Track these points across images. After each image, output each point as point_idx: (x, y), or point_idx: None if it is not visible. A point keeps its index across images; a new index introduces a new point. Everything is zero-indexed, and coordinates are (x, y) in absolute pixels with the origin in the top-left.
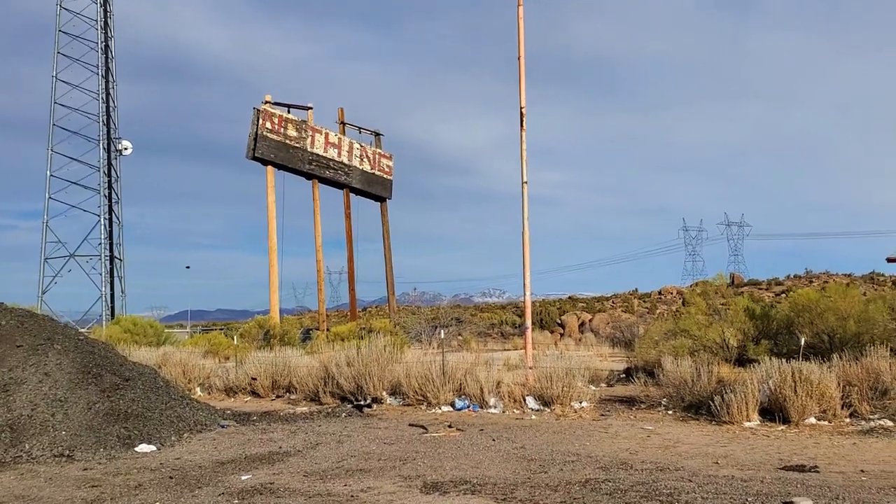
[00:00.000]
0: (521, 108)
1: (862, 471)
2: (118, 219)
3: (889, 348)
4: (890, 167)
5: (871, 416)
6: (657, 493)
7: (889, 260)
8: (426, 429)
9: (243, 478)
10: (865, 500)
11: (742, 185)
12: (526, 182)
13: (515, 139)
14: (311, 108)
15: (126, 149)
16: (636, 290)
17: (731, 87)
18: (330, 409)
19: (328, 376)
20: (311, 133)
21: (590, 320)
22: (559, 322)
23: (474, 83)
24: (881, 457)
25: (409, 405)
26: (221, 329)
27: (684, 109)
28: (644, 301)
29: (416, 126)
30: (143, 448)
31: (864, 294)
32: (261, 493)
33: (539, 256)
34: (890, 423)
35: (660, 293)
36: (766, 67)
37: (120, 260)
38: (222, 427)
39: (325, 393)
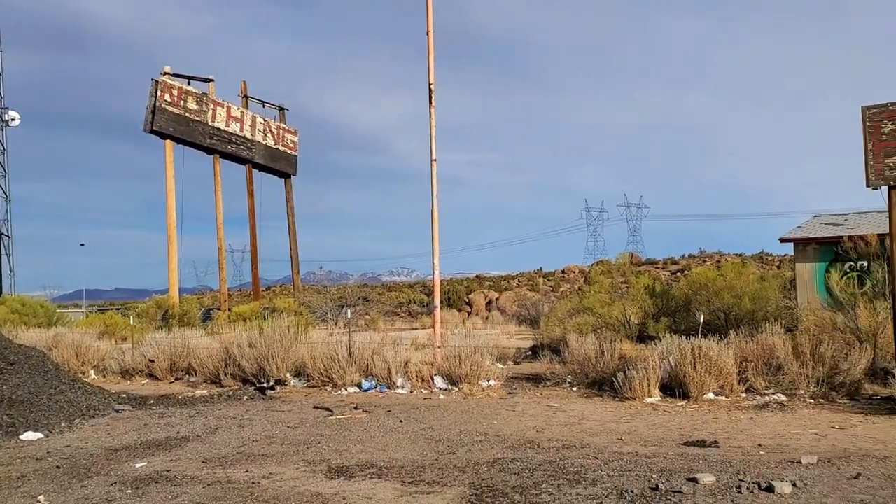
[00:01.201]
0: (429, 84)
1: (759, 445)
2: (5, 193)
3: (782, 325)
4: (777, 151)
5: (766, 391)
6: (564, 471)
7: (782, 240)
8: (331, 411)
9: (138, 465)
10: (764, 473)
11: (641, 168)
12: (435, 160)
13: (425, 117)
14: (212, 80)
15: (13, 119)
16: (541, 269)
17: (632, 71)
18: (231, 392)
19: (229, 358)
20: (212, 106)
21: (497, 299)
22: (467, 301)
23: (384, 60)
24: (776, 430)
25: (314, 387)
26: (118, 309)
27: (589, 92)
28: (548, 280)
29: (324, 102)
30: (29, 436)
31: (755, 272)
32: (156, 482)
33: (447, 236)
34: (784, 398)
35: (563, 272)
36: (665, 52)
37: (7, 237)
38: (117, 412)
39: (226, 375)
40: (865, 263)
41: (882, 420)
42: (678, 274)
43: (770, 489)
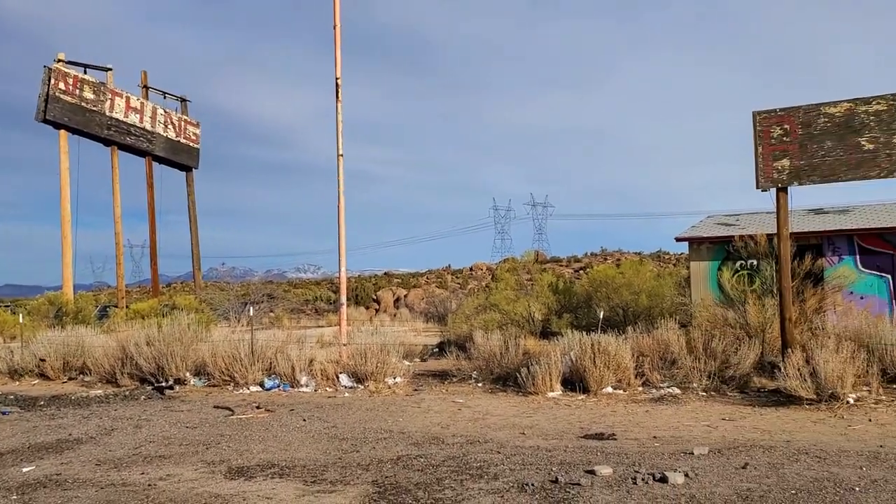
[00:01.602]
0: (336, 78)
1: (654, 437)
2: None
3: (677, 321)
4: (674, 154)
5: (662, 385)
6: (468, 466)
7: (678, 239)
8: (233, 410)
9: (25, 470)
10: (658, 465)
11: (547, 168)
12: (342, 155)
13: (333, 112)
14: (110, 69)
15: None
16: (449, 266)
17: (540, 73)
18: (128, 392)
19: (126, 356)
20: (110, 96)
21: (405, 296)
22: (375, 298)
23: (293, 54)
24: (670, 423)
25: (214, 386)
26: (7, 306)
27: (500, 93)
28: (457, 277)
29: (230, 95)
30: None
31: (652, 270)
32: (45, 486)
33: (356, 232)
34: (678, 391)
35: (471, 269)
36: (572, 55)
37: None
38: (3, 413)
39: (123, 374)
40: (755, 262)
41: (769, 412)
42: (581, 272)
43: (664, 480)
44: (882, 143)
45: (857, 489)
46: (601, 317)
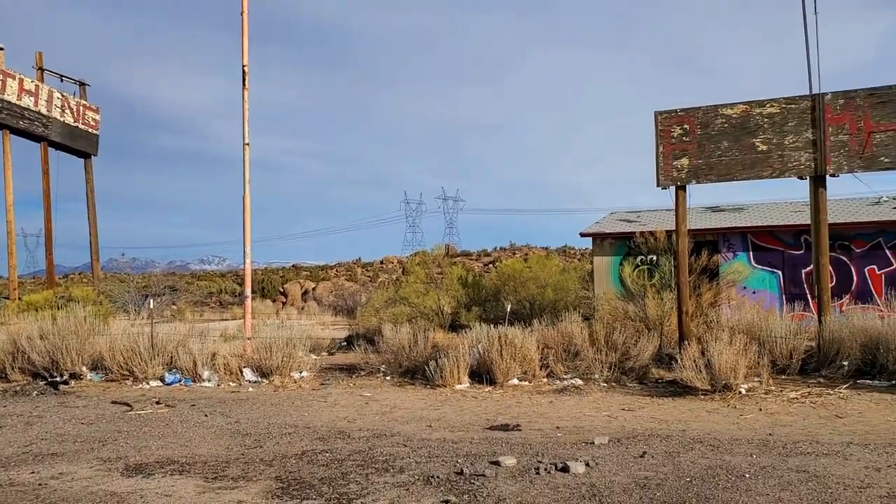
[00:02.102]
0: (243, 65)
1: (557, 427)
2: None
3: (581, 314)
4: (582, 151)
5: (565, 376)
6: (373, 460)
7: (582, 234)
8: (131, 406)
9: None
10: (561, 454)
11: (459, 162)
12: (247, 143)
13: (240, 100)
14: (1, 48)
15: None
16: (359, 259)
17: (452, 67)
18: (19, 387)
19: (18, 350)
20: (1, 77)
21: (313, 289)
22: (282, 291)
23: (200, 39)
24: (573, 413)
25: (112, 381)
26: None
27: (414, 86)
28: (367, 270)
29: (133, 80)
30: None
31: (559, 265)
32: None
33: (265, 224)
34: (581, 382)
35: (382, 262)
36: (488, 50)
37: None
38: None
39: (13, 369)
40: (655, 257)
41: (666, 402)
42: (490, 265)
43: (566, 469)
44: (775, 144)
45: (748, 476)
46: (508, 310)
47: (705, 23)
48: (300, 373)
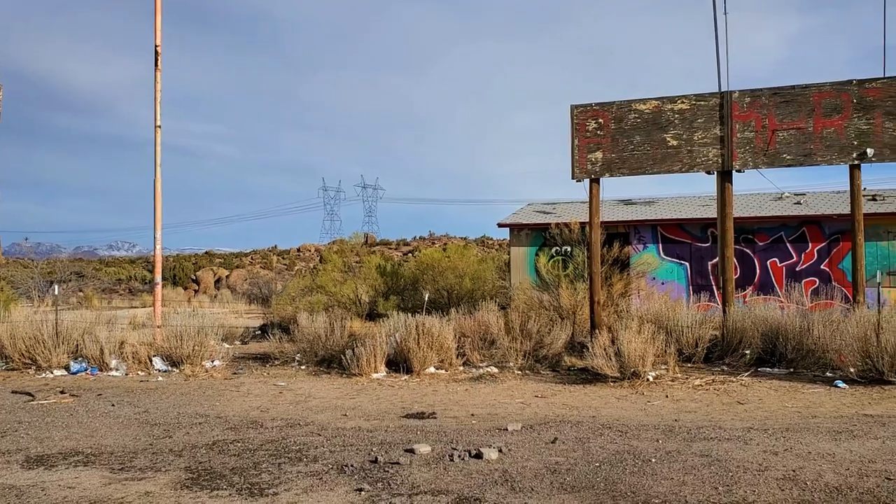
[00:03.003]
0: (156, 46)
1: (472, 414)
2: None
3: (497, 303)
4: (501, 142)
5: (481, 364)
6: (286, 449)
7: (500, 225)
8: (33, 396)
9: None
10: (475, 441)
11: (379, 151)
12: (159, 126)
13: (152, 81)
14: None
15: None
16: (276, 246)
17: (374, 56)
18: None
19: None
20: None
21: (227, 276)
22: (194, 278)
23: (112, 17)
24: (488, 401)
25: (14, 370)
26: None
27: (335, 73)
28: (283, 258)
29: (39, 58)
30: None
31: (477, 255)
32: None
33: (176, 209)
34: (496, 370)
35: (299, 250)
36: (408, 40)
37: None
38: None
39: None
40: (569, 248)
41: (577, 389)
42: (409, 255)
43: (479, 456)
44: (685, 139)
45: (654, 460)
46: (426, 299)
47: (626, 18)
48: (212, 362)
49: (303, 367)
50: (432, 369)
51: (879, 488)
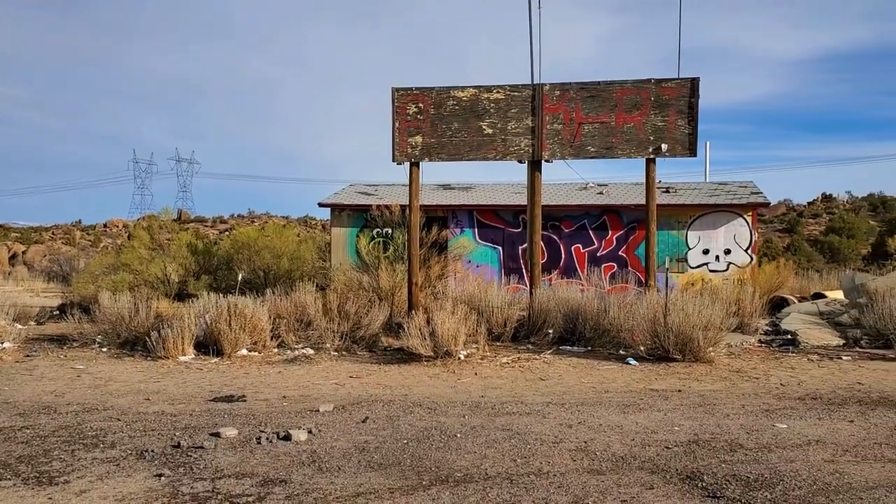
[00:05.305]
0: None
1: (284, 397)
2: None
3: (316, 284)
4: (324, 122)
5: (296, 346)
6: (82, 435)
7: (321, 205)
8: None
9: None
10: (284, 423)
11: (196, 123)
12: None
13: None
14: None
15: None
16: (80, 221)
17: (201, 25)
18: None
19: None
20: None
21: (24, 252)
22: None
23: None
24: (301, 382)
25: None
26: None
27: (151, 39)
28: (88, 233)
29: None
30: None
31: (298, 235)
32: None
33: None
34: (312, 352)
35: (105, 226)
36: (233, 10)
37: None
38: None
39: None
40: (390, 230)
41: (392, 369)
42: (226, 233)
43: (288, 437)
44: (499, 128)
45: (459, 435)
46: (240, 279)
47: (450, 6)
48: (1, 344)
49: (104, 350)
50: (245, 351)
51: (659, 456)
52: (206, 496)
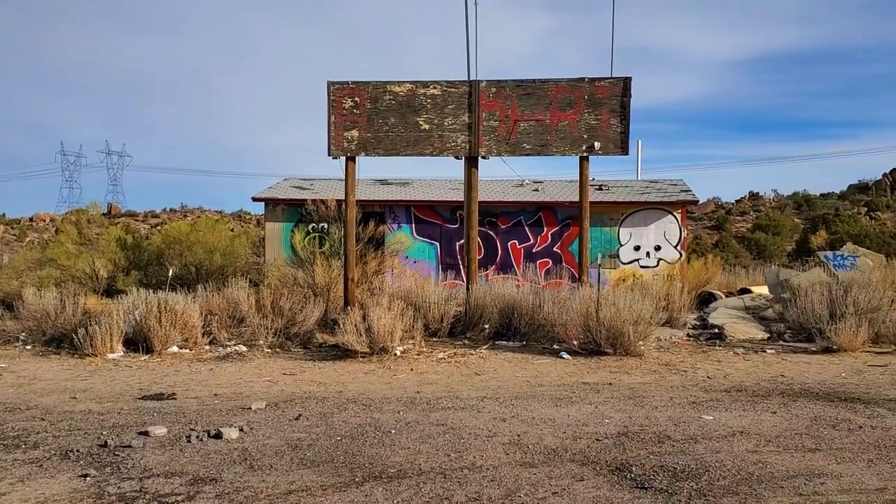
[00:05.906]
0: None
1: (215, 394)
2: None
3: (249, 280)
4: (260, 115)
5: (229, 343)
6: (2, 436)
7: (255, 199)
8: None
9: None
10: (215, 421)
11: (127, 115)
12: None
13: None
14: None
15: None
16: (3, 215)
17: (131, 13)
18: None
19: None
20: None
21: None
22: None
23: None
24: (234, 380)
25: None
26: None
27: (81, 28)
28: (13, 228)
29: None
30: None
31: (233, 230)
32: None
33: None
34: (245, 349)
35: (31, 220)
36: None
37: None
38: None
39: None
40: (326, 225)
41: (327, 365)
42: (158, 228)
43: (219, 436)
44: (436, 124)
45: (393, 431)
46: (171, 275)
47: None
48: None
49: (28, 347)
50: (175, 349)
51: (590, 448)
52: (133, 496)
